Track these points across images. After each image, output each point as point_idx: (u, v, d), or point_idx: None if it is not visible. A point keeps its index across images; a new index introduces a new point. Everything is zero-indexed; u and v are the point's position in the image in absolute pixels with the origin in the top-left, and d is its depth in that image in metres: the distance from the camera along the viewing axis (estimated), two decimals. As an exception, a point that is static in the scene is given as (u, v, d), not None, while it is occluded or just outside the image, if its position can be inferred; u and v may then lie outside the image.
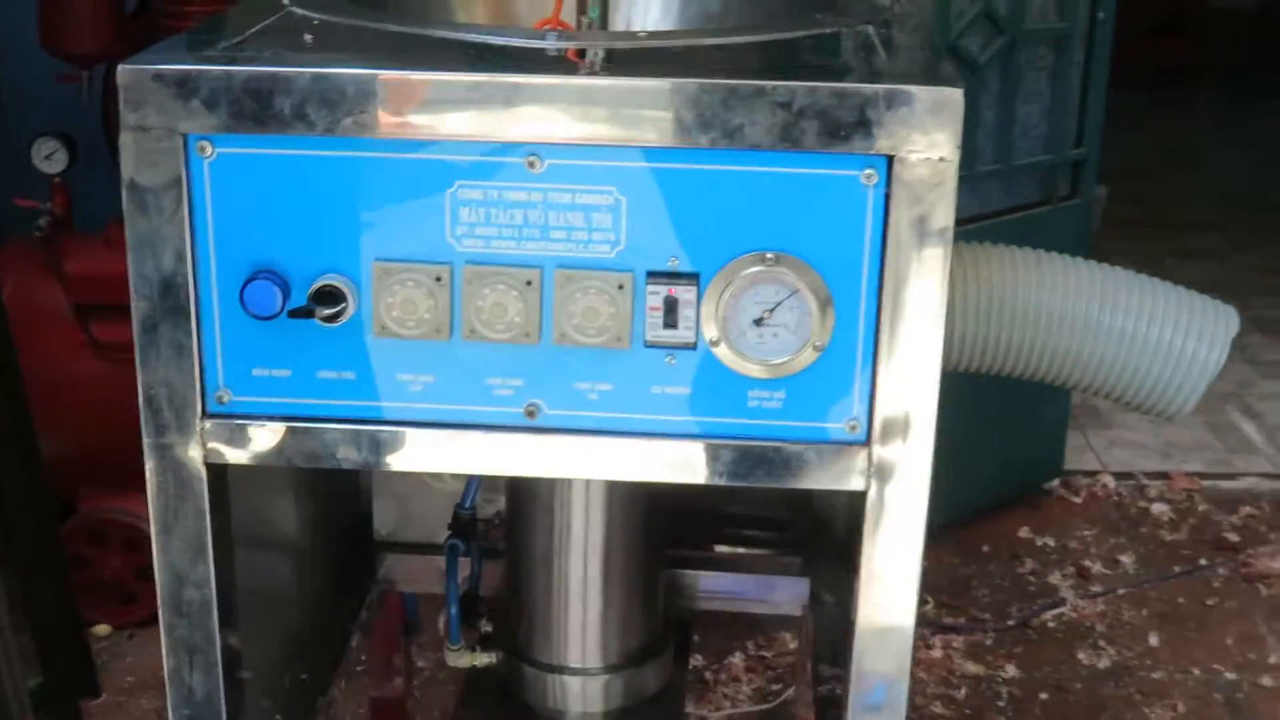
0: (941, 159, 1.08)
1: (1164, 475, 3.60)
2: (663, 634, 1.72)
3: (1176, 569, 3.17)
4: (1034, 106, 3.01)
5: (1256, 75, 7.72)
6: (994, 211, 3.02)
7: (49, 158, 2.65)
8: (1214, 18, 7.86)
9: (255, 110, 1.09)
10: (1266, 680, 2.77)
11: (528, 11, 1.49)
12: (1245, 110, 7.32)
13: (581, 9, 1.36)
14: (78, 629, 2.58)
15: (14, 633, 2.39)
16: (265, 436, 1.17)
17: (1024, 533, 3.31)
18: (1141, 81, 6.40)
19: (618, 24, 1.47)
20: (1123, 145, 3.28)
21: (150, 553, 2.73)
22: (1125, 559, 3.21)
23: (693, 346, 1.12)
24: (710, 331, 1.12)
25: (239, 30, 1.21)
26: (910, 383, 1.13)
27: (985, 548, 3.23)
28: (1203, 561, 3.21)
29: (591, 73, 1.10)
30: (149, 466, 1.18)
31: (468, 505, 1.67)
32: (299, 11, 1.27)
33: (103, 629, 2.77)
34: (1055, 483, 3.52)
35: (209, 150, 1.10)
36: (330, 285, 1.12)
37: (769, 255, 1.10)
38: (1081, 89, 3.09)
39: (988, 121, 2.93)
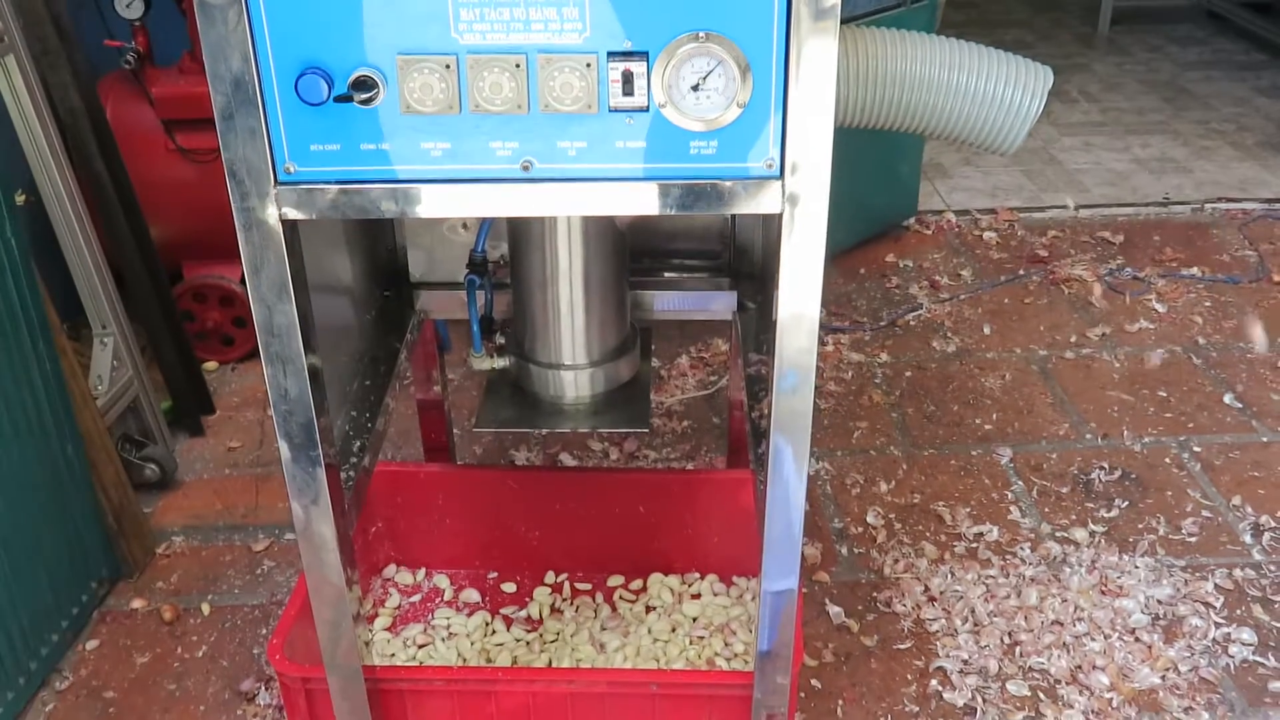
0: (830, -49, 1.04)
1: (992, 211, 3.60)
2: (630, 337, 1.72)
3: (1002, 278, 3.20)
4: (891, -71, 2.91)
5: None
6: (862, 14, 2.93)
7: (129, 6, 2.53)
8: None
9: (293, -64, 1.03)
10: (1068, 354, 2.83)
11: None
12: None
13: None
14: (193, 365, 2.57)
15: (146, 369, 2.39)
16: (324, 196, 1.14)
17: (890, 258, 3.32)
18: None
19: None
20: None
21: (240, 306, 2.74)
22: (965, 273, 3.23)
23: (646, 109, 1.09)
24: (659, 96, 1.08)
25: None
26: (812, 129, 1.10)
27: (861, 270, 3.25)
28: (1021, 272, 3.23)
29: (556, -107, 1.04)
30: (238, 224, 1.14)
31: (479, 249, 1.65)
32: None
33: (211, 365, 2.77)
34: (911, 220, 3.52)
35: (260, -29, 1.05)
36: (364, 76, 1.07)
37: (701, 34, 1.06)
38: (926, -86, 2.99)
39: (856, -57, 2.83)
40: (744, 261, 1.86)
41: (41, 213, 2.19)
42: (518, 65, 1.08)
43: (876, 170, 3.23)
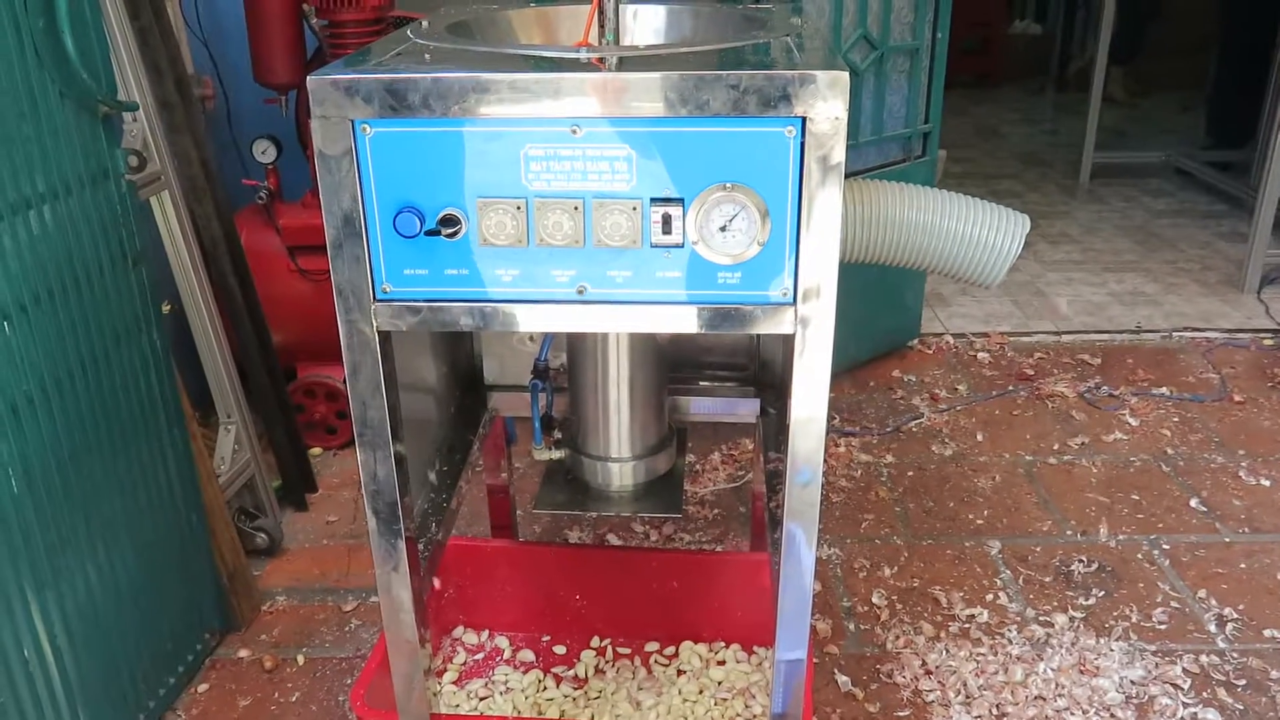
0: (836, 118, 1.07)
1: (985, 334, 3.60)
2: (668, 435, 1.74)
3: (994, 392, 3.18)
4: (897, 96, 2.96)
5: (1037, 77, 7.67)
6: (872, 166, 2.99)
7: (264, 153, 2.64)
8: (1011, 39, 7.83)
9: (396, 103, 1.08)
10: (1052, 460, 2.80)
11: (568, 35, 1.48)
12: (1030, 100, 7.29)
13: (602, 34, 1.35)
14: (301, 450, 2.61)
15: (261, 453, 2.43)
16: (414, 313, 1.18)
17: (895, 373, 3.32)
18: (963, 82, 6.33)
19: (625, 41, 1.45)
20: (952, 125, 3.23)
21: (343, 402, 2.78)
22: (961, 387, 3.21)
23: (681, 245, 1.13)
24: (692, 235, 1.12)
25: (382, 53, 1.20)
26: (820, 264, 1.13)
27: (871, 383, 3.24)
28: (1010, 387, 3.22)
29: (610, 71, 1.09)
30: (342, 334, 1.19)
31: (543, 358, 1.69)
32: (420, 41, 1.26)
33: (316, 450, 2.81)
34: (915, 341, 3.52)
35: (369, 130, 1.10)
36: (450, 214, 1.12)
37: (728, 185, 1.10)
38: (927, 85, 3.04)
39: (867, 108, 2.89)
40: (767, 373, 1.88)
41: (182, 320, 2.26)
42: (576, 207, 1.12)
43: (885, 297, 3.26)
